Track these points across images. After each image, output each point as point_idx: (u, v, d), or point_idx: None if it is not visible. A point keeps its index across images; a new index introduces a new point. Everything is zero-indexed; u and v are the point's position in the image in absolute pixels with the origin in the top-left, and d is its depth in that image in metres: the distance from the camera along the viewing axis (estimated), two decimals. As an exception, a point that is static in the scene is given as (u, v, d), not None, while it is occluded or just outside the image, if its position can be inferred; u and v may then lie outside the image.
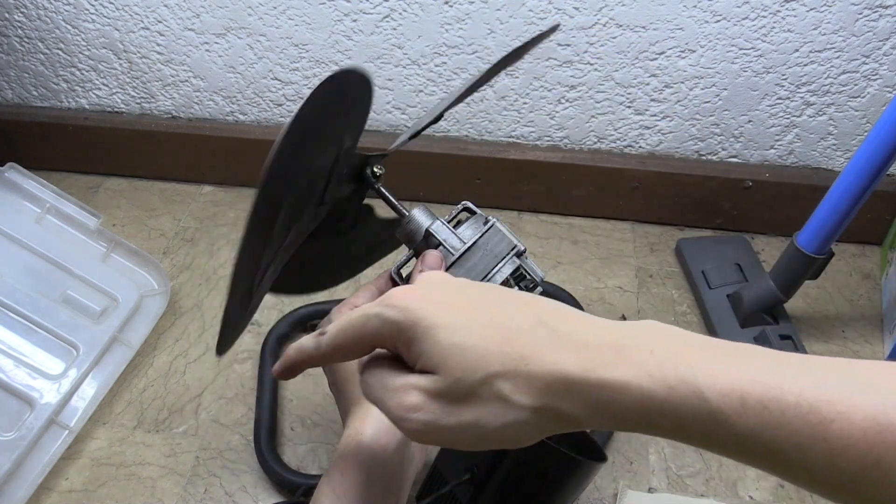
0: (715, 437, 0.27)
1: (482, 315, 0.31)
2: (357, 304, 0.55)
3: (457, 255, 0.52)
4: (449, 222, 0.56)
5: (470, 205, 0.57)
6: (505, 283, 0.52)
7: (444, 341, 0.30)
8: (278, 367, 0.39)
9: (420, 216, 0.56)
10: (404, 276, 0.56)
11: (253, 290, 0.49)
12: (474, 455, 0.56)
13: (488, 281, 0.52)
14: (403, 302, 0.32)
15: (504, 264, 0.52)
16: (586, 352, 0.29)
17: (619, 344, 0.29)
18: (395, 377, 0.32)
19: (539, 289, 0.55)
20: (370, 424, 0.48)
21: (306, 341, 0.37)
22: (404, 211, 0.56)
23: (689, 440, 0.28)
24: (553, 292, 0.95)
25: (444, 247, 0.53)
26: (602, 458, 0.61)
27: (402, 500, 0.48)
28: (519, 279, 0.54)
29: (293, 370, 0.39)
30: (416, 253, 0.55)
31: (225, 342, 0.50)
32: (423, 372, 0.32)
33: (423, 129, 0.60)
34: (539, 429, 0.30)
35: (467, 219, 0.56)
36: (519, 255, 0.53)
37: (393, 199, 0.57)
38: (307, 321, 0.95)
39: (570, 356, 0.29)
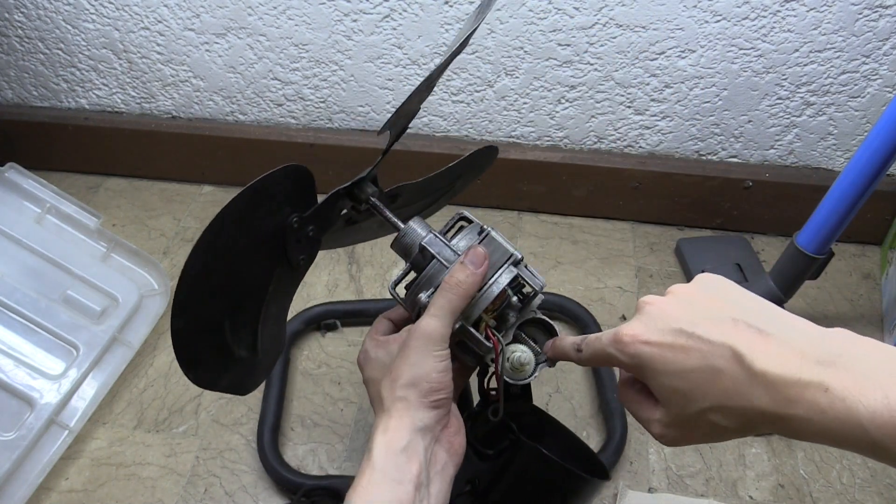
0: (880, 457, 0.33)
1: (692, 357, 0.39)
2: (377, 334, 0.57)
3: (451, 268, 0.51)
4: (445, 233, 0.55)
5: (466, 213, 0.56)
6: (503, 293, 0.51)
7: (665, 385, 0.40)
8: (551, 348, 0.52)
9: (415, 229, 0.54)
10: (399, 294, 0.55)
11: (257, 340, 0.54)
12: (476, 467, 0.56)
13: (486, 291, 0.51)
14: (630, 349, 0.42)
15: (501, 274, 0.51)
16: (774, 390, 0.35)
17: (803, 382, 0.35)
18: (642, 408, 0.44)
19: (540, 297, 0.54)
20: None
21: (570, 349, 0.49)
22: (399, 224, 0.55)
23: (860, 454, 0.35)
24: (558, 302, 0.95)
25: (438, 259, 0.52)
26: (605, 475, 0.60)
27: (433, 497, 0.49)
28: (518, 288, 0.53)
29: (558, 358, 0.52)
30: (413, 265, 0.54)
31: (257, 381, 0.58)
32: (658, 400, 0.42)
33: (403, 131, 0.60)
34: (746, 434, 0.39)
35: (463, 229, 0.55)
36: (516, 263, 0.52)
37: (388, 214, 0.56)
38: (320, 320, 0.96)
39: (762, 394, 0.36)
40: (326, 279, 1.03)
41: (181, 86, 1.10)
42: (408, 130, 0.60)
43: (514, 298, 0.53)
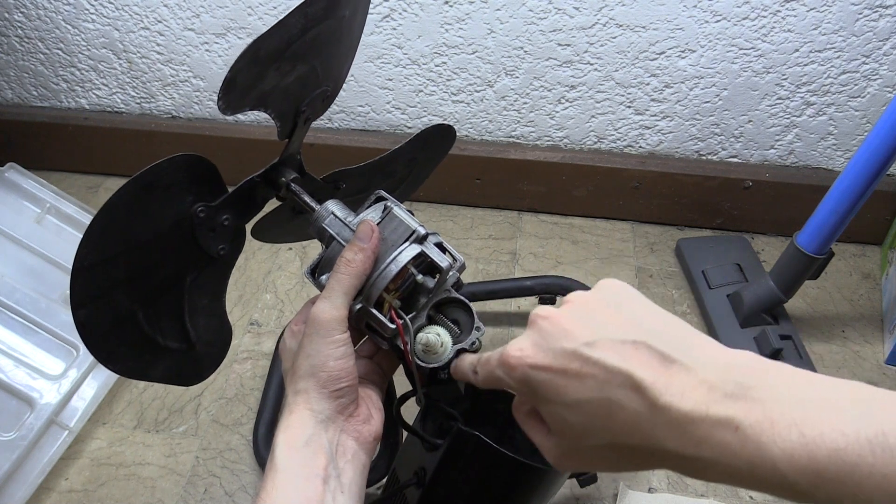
0: (798, 499, 0.30)
1: (587, 386, 0.34)
2: (297, 323, 0.54)
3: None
4: (359, 214, 0.53)
5: (383, 193, 0.54)
6: (403, 270, 0.48)
7: (557, 415, 0.36)
8: (453, 370, 0.48)
9: (322, 211, 0.52)
10: (317, 276, 0.52)
11: (188, 331, 0.53)
12: (424, 457, 0.53)
13: (385, 269, 0.48)
14: (517, 373, 0.37)
15: (402, 252, 0.48)
16: (678, 428, 0.31)
17: (711, 419, 0.31)
18: (534, 432, 0.40)
19: (454, 275, 0.50)
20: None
21: (468, 370, 0.45)
22: (315, 206, 0.53)
23: (775, 496, 0.31)
24: (560, 283, 0.93)
25: (338, 240, 0.50)
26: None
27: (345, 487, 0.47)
28: (424, 266, 0.49)
29: (460, 379, 0.48)
30: (327, 248, 0.52)
31: (202, 373, 0.56)
32: (550, 426, 0.38)
33: (305, 110, 0.56)
34: (648, 469, 0.36)
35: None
36: (421, 240, 0.49)
37: (305, 198, 0.54)
38: None
39: (666, 432, 0.32)
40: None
41: (181, 86, 1.10)
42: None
43: (420, 277, 0.49)
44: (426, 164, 0.70)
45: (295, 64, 0.50)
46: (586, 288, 0.90)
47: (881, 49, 0.89)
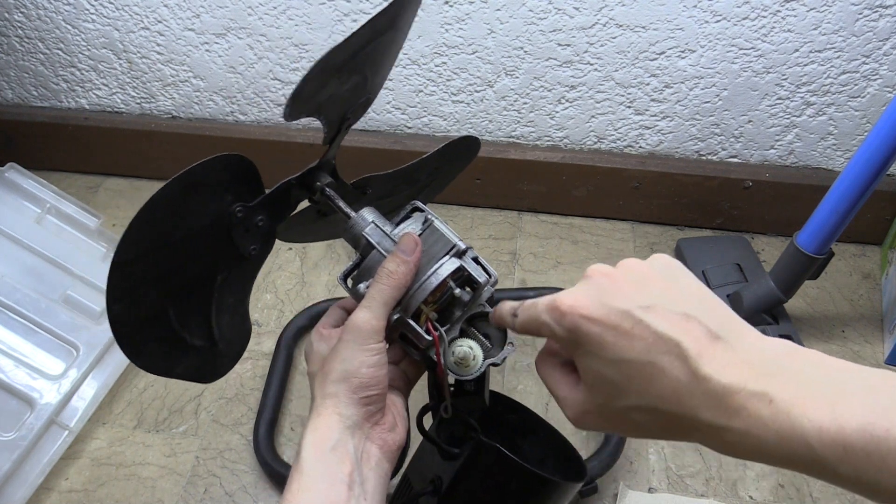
0: (820, 475, 0.31)
1: (635, 347, 0.35)
2: (325, 326, 0.55)
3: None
4: (398, 224, 0.53)
5: (418, 203, 0.54)
6: (443, 284, 0.49)
7: (596, 371, 0.37)
8: (493, 318, 0.49)
9: (360, 219, 0.53)
10: (350, 284, 0.53)
11: (213, 329, 0.53)
12: (440, 466, 0.54)
13: (425, 282, 0.48)
14: (567, 321, 0.38)
15: (442, 265, 0.49)
16: (715, 398, 0.33)
17: (747, 391, 0.32)
18: (560, 385, 0.41)
19: (489, 290, 0.51)
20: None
21: (507, 315, 0.45)
22: (350, 213, 0.54)
23: (797, 471, 0.32)
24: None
25: (378, 250, 0.50)
26: (581, 477, 0.57)
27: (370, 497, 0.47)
28: (465, 281, 0.50)
29: (500, 326, 0.49)
30: (363, 256, 0.53)
31: (220, 371, 0.57)
32: (580, 378, 0.39)
33: (343, 118, 0.57)
34: (668, 438, 0.37)
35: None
36: (460, 254, 0.50)
37: (340, 203, 0.55)
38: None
39: (702, 401, 0.33)
40: (326, 279, 1.03)
41: (181, 86, 1.10)
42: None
43: (458, 291, 0.50)
44: (448, 173, 0.71)
45: (352, 74, 0.51)
46: None
47: (881, 49, 0.89)
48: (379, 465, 0.48)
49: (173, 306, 0.50)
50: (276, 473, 0.79)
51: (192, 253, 0.49)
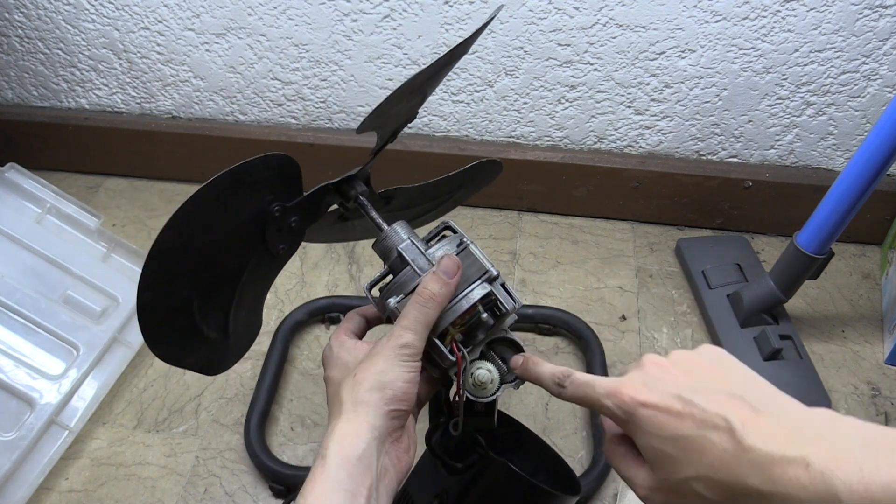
0: None
1: (686, 424, 0.40)
2: (346, 332, 0.56)
3: (423, 277, 0.51)
4: (427, 241, 0.55)
5: (451, 223, 0.56)
6: (472, 308, 0.50)
7: (654, 448, 0.41)
8: (521, 366, 0.51)
9: (395, 233, 0.54)
10: (374, 294, 0.54)
11: (229, 324, 0.54)
12: (445, 481, 0.55)
13: (456, 304, 0.50)
14: (628, 407, 0.42)
15: (473, 289, 0.50)
16: (760, 467, 0.37)
17: (787, 458, 0.36)
18: (628, 466, 0.44)
19: (512, 317, 0.53)
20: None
21: (548, 379, 0.48)
22: (384, 226, 0.55)
23: None
24: (553, 315, 0.94)
25: (412, 267, 0.51)
26: (576, 490, 0.59)
27: None
28: (490, 305, 0.52)
29: (528, 379, 0.51)
30: (391, 269, 0.54)
31: (227, 363, 0.57)
32: (644, 461, 0.43)
33: (395, 134, 0.59)
34: None
35: (445, 238, 0.55)
36: (491, 280, 0.51)
37: (374, 214, 0.56)
38: (324, 312, 0.97)
39: (749, 470, 0.37)
40: (326, 279, 1.03)
41: (181, 86, 1.10)
42: (407, 130, 0.60)
43: (485, 315, 0.51)
44: (466, 194, 0.74)
45: (420, 95, 0.54)
46: (581, 322, 0.92)
47: (881, 49, 0.89)
48: (390, 484, 0.49)
49: (199, 298, 0.51)
50: (264, 466, 0.79)
51: (227, 247, 0.51)
